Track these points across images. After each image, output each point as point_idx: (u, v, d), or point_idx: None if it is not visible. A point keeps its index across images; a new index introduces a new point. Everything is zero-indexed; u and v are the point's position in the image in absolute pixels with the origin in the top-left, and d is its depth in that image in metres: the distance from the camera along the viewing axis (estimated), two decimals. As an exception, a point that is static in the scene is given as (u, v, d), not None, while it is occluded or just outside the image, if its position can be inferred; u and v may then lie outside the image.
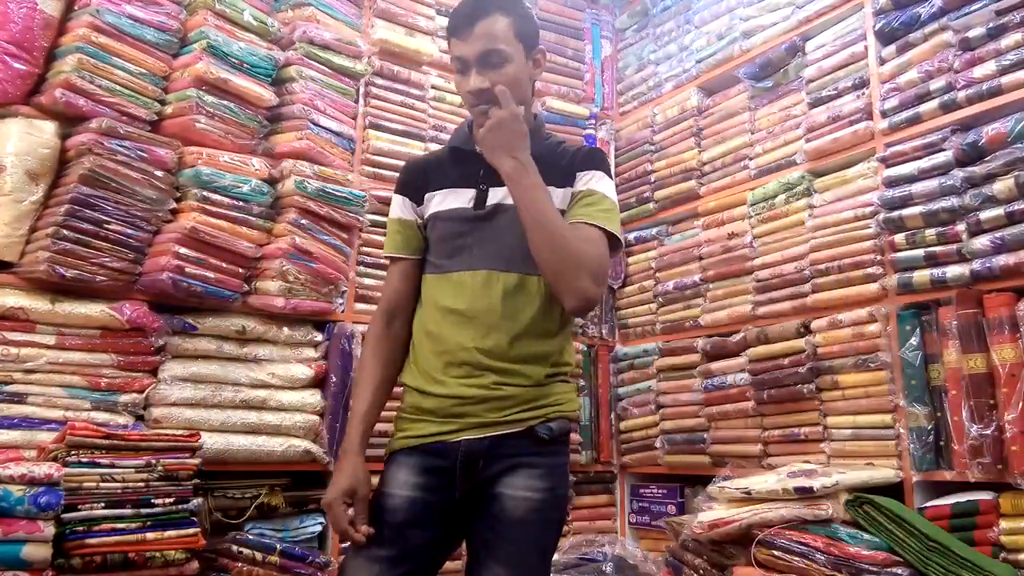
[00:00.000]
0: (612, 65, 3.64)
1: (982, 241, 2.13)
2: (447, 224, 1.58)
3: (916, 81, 2.38)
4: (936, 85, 2.31)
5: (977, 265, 2.13)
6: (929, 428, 2.22)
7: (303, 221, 2.54)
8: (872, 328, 2.39)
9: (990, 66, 2.18)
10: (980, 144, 2.16)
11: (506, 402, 1.48)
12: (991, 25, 2.19)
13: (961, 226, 2.19)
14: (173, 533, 1.95)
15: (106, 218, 2.21)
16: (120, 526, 1.90)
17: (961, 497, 2.09)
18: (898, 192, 2.34)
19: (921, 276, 2.27)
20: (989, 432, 2.04)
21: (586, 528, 3.12)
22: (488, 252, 1.53)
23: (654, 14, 3.49)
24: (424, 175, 1.66)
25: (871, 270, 2.42)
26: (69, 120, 2.27)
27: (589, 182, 1.55)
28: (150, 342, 2.28)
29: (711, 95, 3.19)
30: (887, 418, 2.33)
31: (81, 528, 1.85)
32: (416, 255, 1.65)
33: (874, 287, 2.41)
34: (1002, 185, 2.09)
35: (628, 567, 2.85)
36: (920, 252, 2.28)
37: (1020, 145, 2.08)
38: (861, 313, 2.42)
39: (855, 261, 2.47)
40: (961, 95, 2.24)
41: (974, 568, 1.84)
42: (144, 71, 2.36)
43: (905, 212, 2.32)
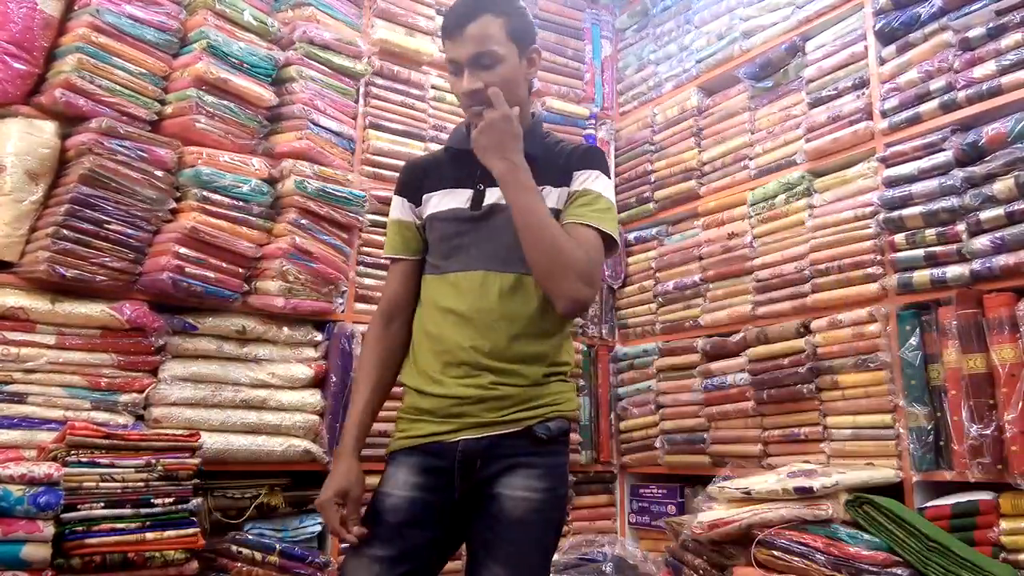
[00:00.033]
0: (612, 65, 3.64)
1: (982, 241, 2.13)
2: (444, 225, 1.58)
3: (916, 81, 2.38)
4: (936, 85, 2.31)
5: (977, 265, 2.13)
6: (929, 428, 2.22)
7: (303, 221, 2.54)
8: (872, 328, 2.39)
9: (990, 66, 2.18)
10: (980, 144, 2.16)
11: (504, 402, 1.47)
12: (991, 25, 2.19)
13: (961, 226, 2.19)
14: (173, 533, 1.96)
15: (106, 218, 2.21)
16: (120, 526, 1.90)
17: (961, 497, 2.09)
18: (898, 192, 2.34)
19: (921, 276, 2.27)
20: (989, 432, 2.04)
21: (586, 528, 3.12)
22: (485, 252, 1.52)
23: (654, 14, 3.49)
24: (422, 176, 1.66)
25: (871, 270, 2.42)
26: (69, 120, 2.27)
27: (585, 182, 1.54)
28: (150, 342, 2.28)
29: (711, 95, 3.19)
30: (887, 418, 2.33)
31: (81, 528, 1.85)
32: (415, 256, 1.65)
33: (874, 287, 2.41)
34: (1002, 185, 2.09)
35: (628, 567, 2.85)
36: (920, 252, 2.28)
37: (1020, 145, 2.08)
38: (861, 313, 2.42)
39: (855, 261, 2.47)
40: (961, 95, 2.24)
41: (974, 568, 1.84)
42: (144, 71, 2.37)
43: (905, 212, 2.31)
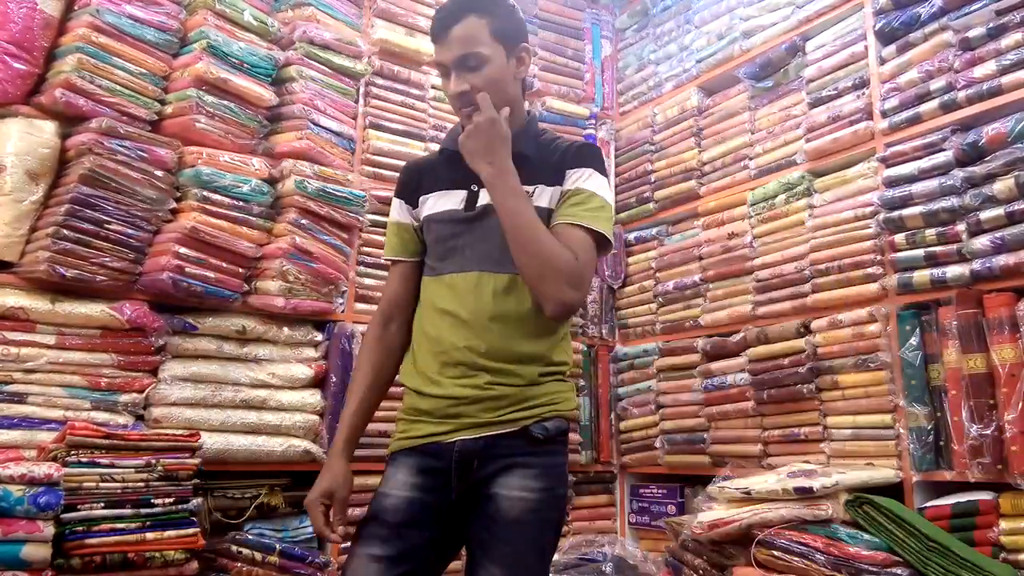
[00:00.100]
0: (612, 65, 3.64)
1: (982, 241, 2.13)
2: (440, 226, 1.58)
3: (916, 81, 2.38)
4: (936, 85, 2.31)
5: (977, 265, 2.13)
6: (929, 428, 2.22)
7: (303, 221, 2.54)
8: (872, 328, 2.39)
9: (990, 66, 2.18)
10: (980, 144, 2.16)
11: (500, 402, 1.47)
12: (991, 25, 2.19)
13: (961, 226, 2.19)
14: (173, 533, 1.95)
15: (106, 218, 2.21)
16: (120, 526, 1.89)
17: (961, 497, 2.09)
18: (898, 192, 2.34)
19: (921, 276, 2.27)
20: (989, 432, 2.04)
21: (586, 528, 3.12)
22: (479, 253, 1.53)
23: (654, 14, 3.49)
24: (419, 178, 1.66)
25: (871, 270, 2.42)
26: (69, 120, 2.27)
27: (578, 180, 1.53)
28: (150, 342, 2.28)
29: (711, 95, 3.19)
30: (887, 418, 2.33)
31: (81, 528, 1.85)
32: (413, 257, 1.66)
33: (874, 287, 2.41)
34: (1002, 185, 2.09)
35: (628, 567, 2.85)
36: (920, 252, 2.28)
37: (1020, 145, 2.08)
38: (861, 313, 2.42)
39: (855, 261, 2.47)
40: (961, 95, 2.24)
41: (974, 568, 1.84)
42: (144, 71, 2.36)
43: (905, 212, 2.31)
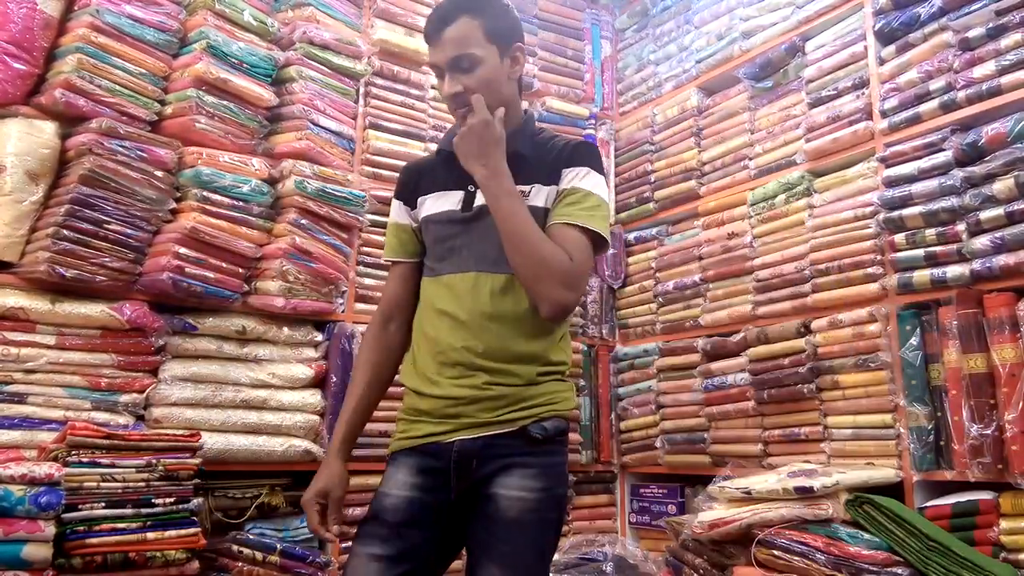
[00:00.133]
0: (612, 65, 3.64)
1: (982, 241, 2.13)
2: (438, 227, 1.59)
3: (916, 81, 2.38)
4: (936, 85, 2.31)
5: (977, 265, 2.13)
6: (929, 428, 2.22)
7: (303, 221, 2.54)
8: (872, 328, 2.39)
9: (990, 66, 2.18)
10: (980, 144, 2.16)
11: (498, 402, 1.48)
12: (991, 25, 2.19)
13: (961, 226, 2.19)
14: (173, 533, 1.95)
15: (106, 218, 2.21)
16: (121, 526, 1.89)
17: (961, 497, 2.09)
18: (898, 192, 2.34)
19: (921, 276, 2.27)
20: (989, 432, 2.04)
21: (586, 528, 3.12)
22: (477, 254, 1.53)
23: (654, 14, 3.49)
24: (417, 179, 1.67)
25: (871, 270, 2.42)
26: (69, 120, 2.27)
27: (574, 179, 1.53)
28: (150, 342, 2.28)
29: (711, 95, 3.19)
30: (887, 418, 2.33)
31: (82, 528, 1.85)
32: (412, 258, 1.67)
33: (874, 287, 2.41)
34: (1002, 185, 2.09)
35: (628, 567, 2.85)
36: (920, 252, 2.28)
37: (1020, 145, 2.08)
38: (861, 313, 2.42)
39: (855, 261, 2.47)
40: (961, 95, 2.24)
41: (974, 568, 1.84)
42: (144, 71, 2.36)
43: (905, 212, 2.32)
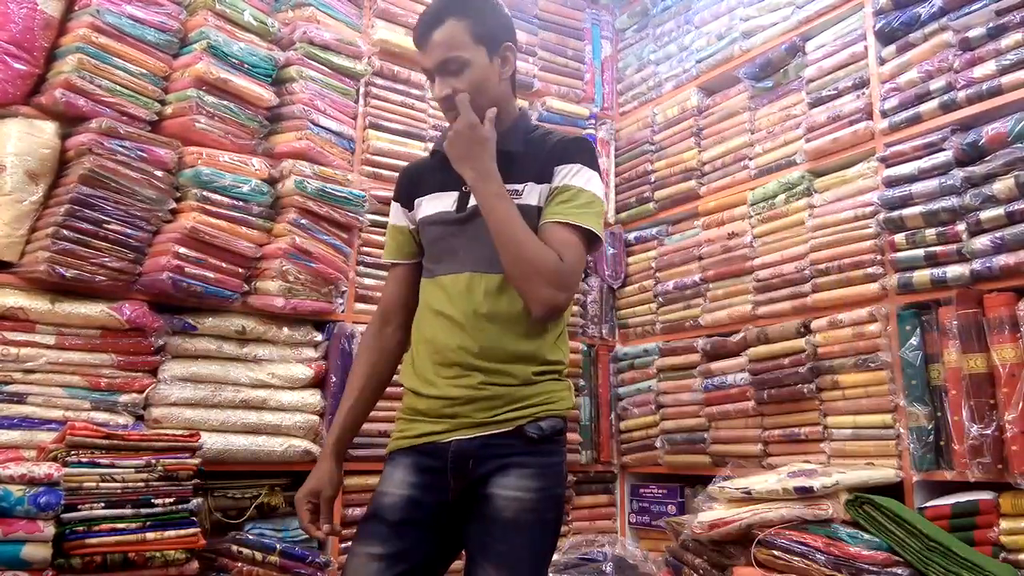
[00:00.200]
0: (612, 65, 3.64)
1: (982, 241, 2.13)
2: (434, 228, 1.59)
3: (916, 81, 2.38)
4: (936, 85, 2.31)
5: (977, 265, 2.13)
6: (929, 428, 2.22)
7: (303, 221, 2.54)
8: (872, 328, 2.39)
9: (990, 66, 2.18)
10: (980, 144, 2.16)
11: (495, 402, 1.47)
12: (991, 25, 2.19)
13: (961, 226, 2.19)
14: (173, 533, 1.96)
15: (106, 218, 2.21)
16: (120, 526, 1.90)
17: (961, 497, 2.09)
18: (898, 192, 2.34)
19: (921, 276, 2.27)
20: (989, 432, 2.04)
21: (586, 528, 3.12)
22: (471, 254, 1.53)
23: (654, 14, 3.49)
24: (414, 181, 1.68)
25: (871, 270, 2.42)
26: (69, 120, 2.27)
27: (566, 177, 1.53)
28: (150, 342, 2.28)
29: (711, 95, 3.19)
30: (887, 418, 2.33)
31: (81, 528, 1.85)
32: (410, 260, 1.68)
33: (874, 287, 2.41)
34: (1002, 185, 2.09)
35: (628, 567, 2.85)
36: (920, 252, 2.28)
37: (1020, 145, 2.08)
38: (861, 313, 2.42)
39: (855, 261, 2.47)
40: (961, 95, 2.24)
41: (974, 568, 1.84)
42: (144, 71, 2.36)
43: (905, 212, 2.31)
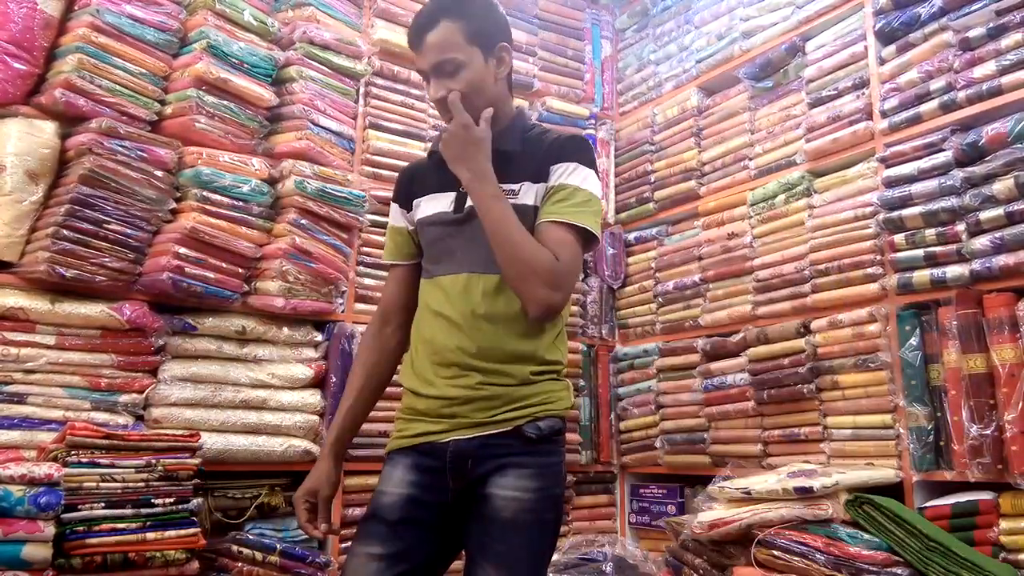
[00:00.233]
0: (612, 65, 3.64)
1: (982, 241, 2.13)
2: (431, 229, 1.60)
3: (916, 81, 2.38)
4: (936, 85, 2.31)
5: (977, 265, 2.13)
6: (929, 428, 2.22)
7: (303, 221, 2.54)
8: (872, 328, 2.39)
9: (990, 66, 2.18)
10: (980, 144, 2.16)
11: (493, 402, 1.48)
12: (991, 25, 2.19)
13: (961, 226, 2.19)
14: (173, 533, 1.96)
15: (106, 218, 2.21)
16: (120, 526, 1.90)
17: (961, 497, 2.09)
18: (898, 192, 2.34)
19: (921, 276, 2.27)
20: (989, 432, 2.04)
21: (586, 528, 3.12)
22: (469, 255, 1.53)
23: (654, 14, 3.49)
24: (412, 181, 1.68)
25: (871, 270, 2.42)
26: (69, 120, 2.27)
27: (562, 176, 1.52)
28: (150, 342, 2.28)
29: (711, 95, 3.19)
30: (887, 418, 2.33)
31: (81, 528, 1.85)
32: (409, 261, 1.68)
33: (874, 287, 2.41)
34: (1002, 185, 2.09)
35: (628, 567, 2.85)
36: (920, 252, 2.28)
37: (1020, 145, 2.08)
38: (861, 313, 2.42)
39: (855, 261, 2.47)
40: (961, 95, 2.24)
41: (974, 568, 1.84)
42: (144, 71, 2.36)
43: (905, 212, 2.31)
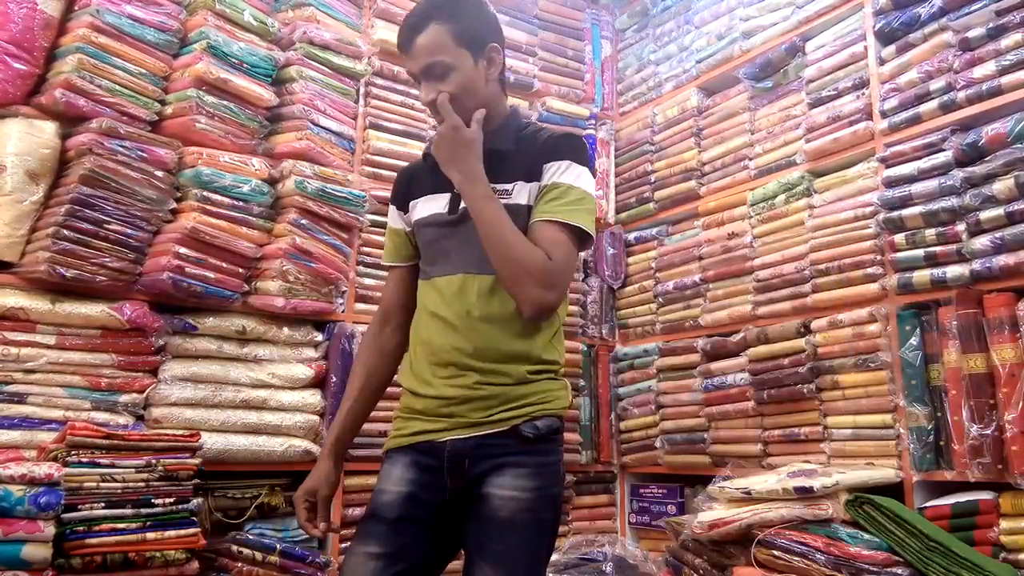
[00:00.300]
0: (612, 65, 3.64)
1: (982, 241, 2.13)
2: (428, 230, 1.60)
3: (916, 81, 2.38)
4: (936, 85, 2.31)
5: (977, 265, 2.13)
6: (929, 428, 2.22)
7: (303, 221, 2.54)
8: (872, 328, 2.39)
9: (990, 66, 2.18)
10: (980, 144, 2.16)
11: (490, 401, 1.48)
12: (991, 25, 2.19)
13: (961, 226, 2.19)
14: (173, 533, 1.96)
15: (106, 218, 2.21)
16: (120, 526, 1.90)
17: (961, 497, 2.09)
18: (898, 192, 2.34)
19: (921, 276, 2.27)
20: (989, 432, 2.04)
21: (586, 528, 3.12)
22: (464, 256, 1.53)
23: (654, 14, 3.49)
24: (409, 183, 1.68)
25: (871, 270, 2.42)
26: (69, 120, 2.27)
27: (555, 174, 1.52)
28: (150, 342, 2.28)
29: (711, 95, 3.19)
30: (887, 418, 2.33)
31: (81, 528, 1.85)
32: (407, 262, 1.69)
33: (874, 287, 2.41)
34: (1002, 185, 2.09)
35: (628, 567, 2.85)
36: (920, 252, 2.28)
37: (1020, 145, 2.08)
38: (861, 313, 2.42)
39: (855, 261, 2.47)
40: (961, 95, 2.24)
41: (974, 568, 1.84)
42: (144, 71, 2.36)
43: (905, 212, 2.31)
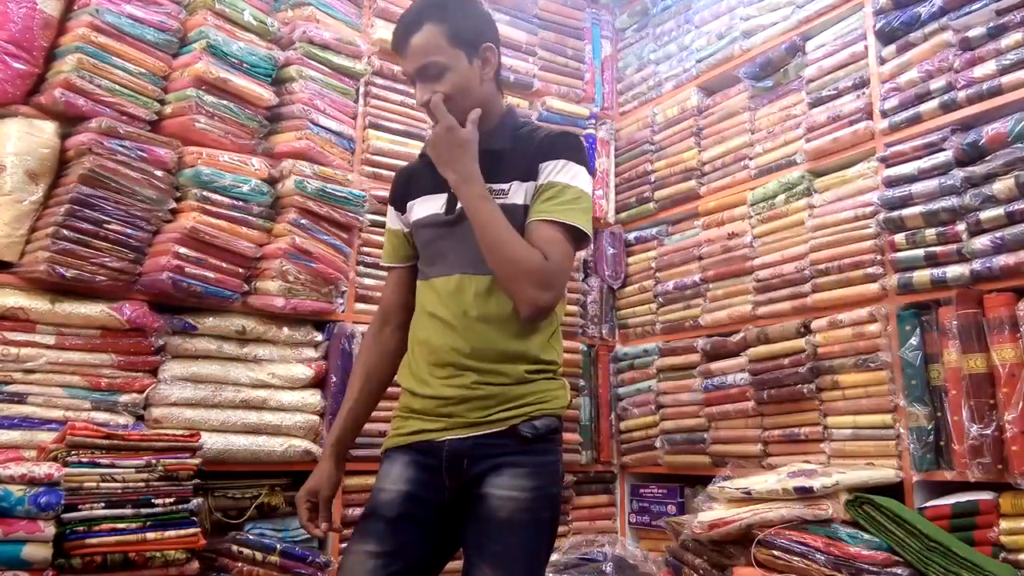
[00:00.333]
0: (612, 65, 3.64)
1: (982, 241, 2.13)
2: (425, 231, 1.60)
3: (916, 81, 2.38)
4: (936, 85, 2.31)
5: (977, 265, 2.13)
6: (929, 428, 2.22)
7: (303, 221, 2.54)
8: (872, 328, 2.39)
9: (990, 66, 2.18)
10: (980, 144, 2.16)
11: (488, 401, 1.48)
12: (991, 25, 2.19)
13: (961, 226, 2.19)
14: (173, 533, 1.96)
15: (106, 218, 2.21)
16: (120, 526, 1.90)
17: (961, 497, 2.09)
18: (898, 192, 2.34)
19: (921, 276, 2.27)
20: (989, 432, 2.04)
21: (586, 528, 3.12)
22: (461, 256, 1.53)
23: (654, 14, 3.49)
24: (406, 184, 1.68)
25: (871, 270, 2.42)
26: (69, 120, 2.27)
27: (551, 174, 1.51)
28: (150, 342, 2.28)
29: (711, 95, 3.19)
30: (887, 418, 2.33)
31: (81, 528, 1.85)
32: (405, 263, 1.69)
33: (874, 287, 2.41)
34: (1002, 185, 2.09)
35: (628, 567, 2.85)
36: (920, 252, 2.28)
37: (1020, 145, 2.08)
38: (861, 313, 2.42)
39: (855, 261, 2.47)
40: (961, 95, 2.24)
41: (974, 568, 1.84)
42: (144, 71, 2.36)
43: (905, 212, 2.31)
